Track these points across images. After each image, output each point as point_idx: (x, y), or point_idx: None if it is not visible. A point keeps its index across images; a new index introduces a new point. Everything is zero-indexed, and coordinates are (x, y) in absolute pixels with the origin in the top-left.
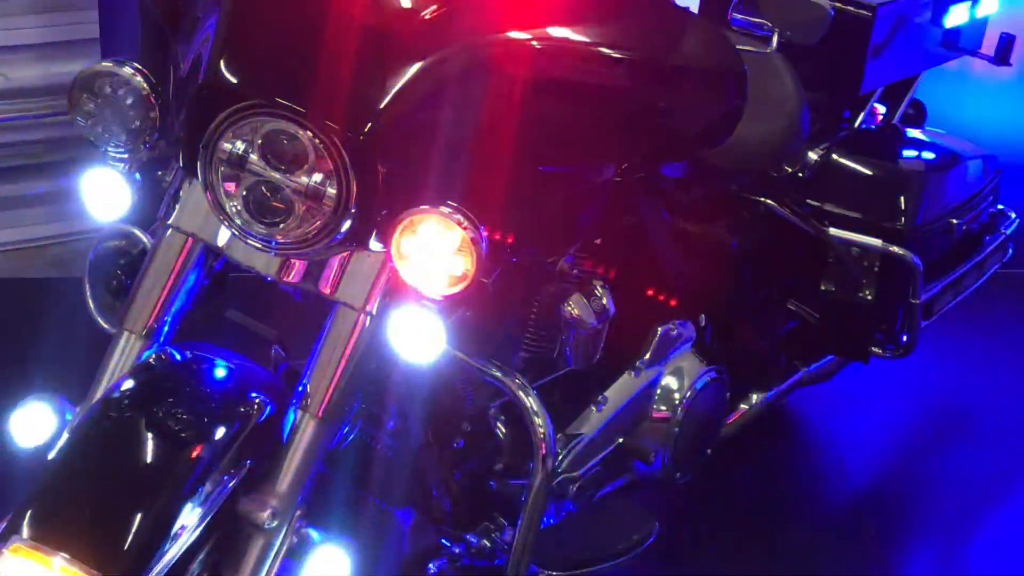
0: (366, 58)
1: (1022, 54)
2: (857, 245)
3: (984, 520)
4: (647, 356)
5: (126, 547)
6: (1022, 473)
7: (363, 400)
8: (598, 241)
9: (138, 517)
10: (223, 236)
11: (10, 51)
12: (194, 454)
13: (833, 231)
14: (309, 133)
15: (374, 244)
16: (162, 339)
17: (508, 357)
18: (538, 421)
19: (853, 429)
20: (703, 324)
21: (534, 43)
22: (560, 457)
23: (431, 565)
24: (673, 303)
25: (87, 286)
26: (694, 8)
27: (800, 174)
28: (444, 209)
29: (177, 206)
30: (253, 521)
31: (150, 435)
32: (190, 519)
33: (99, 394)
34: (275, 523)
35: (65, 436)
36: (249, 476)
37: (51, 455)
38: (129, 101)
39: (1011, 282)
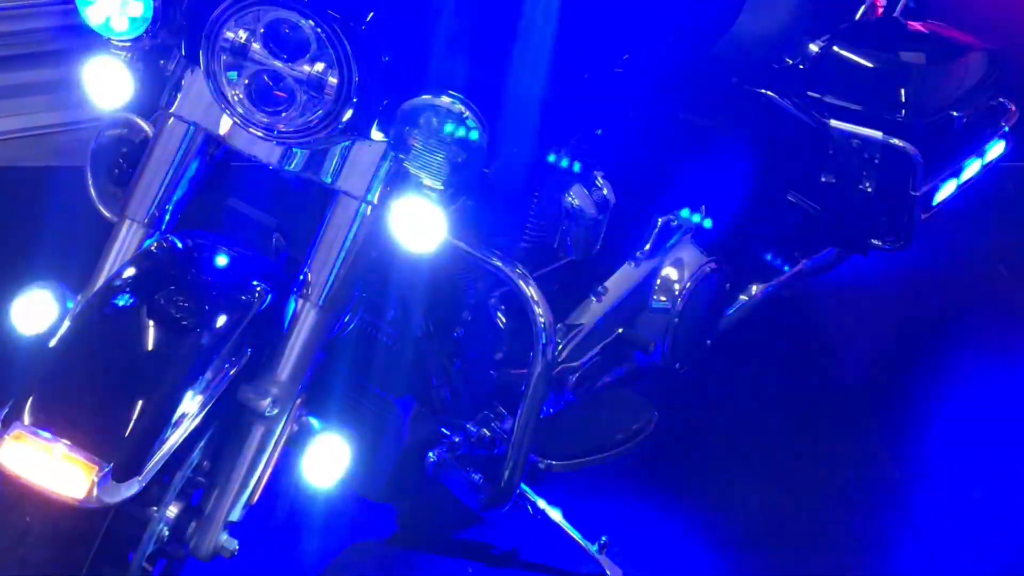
0: None
1: None
2: (858, 137)
3: (981, 408)
4: (647, 247)
5: (127, 434)
6: (1019, 363)
7: (364, 289)
8: (599, 132)
9: (139, 404)
10: (225, 125)
11: None
12: (195, 342)
13: (834, 123)
14: (311, 22)
15: (375, 133)
16: (163, 227)
17: (509, 247)
18: (538, 311)
19: (852, 321)
20: (704, 215)
21: None
22: (560, 347)
23: (431, 454)
24: (674, 194)
25: (89, 174)
26: None
27: (801, 66)
28: (445, 98)
29: (179, 95)
30: (254, 409)
31: (151, 323)
32: (191, 407)
33: (100, 282)
34: (275, 411)
35: (66, 324)
36: (250, 364)
37: (52, 342)
38: None
39: (1011, 175)
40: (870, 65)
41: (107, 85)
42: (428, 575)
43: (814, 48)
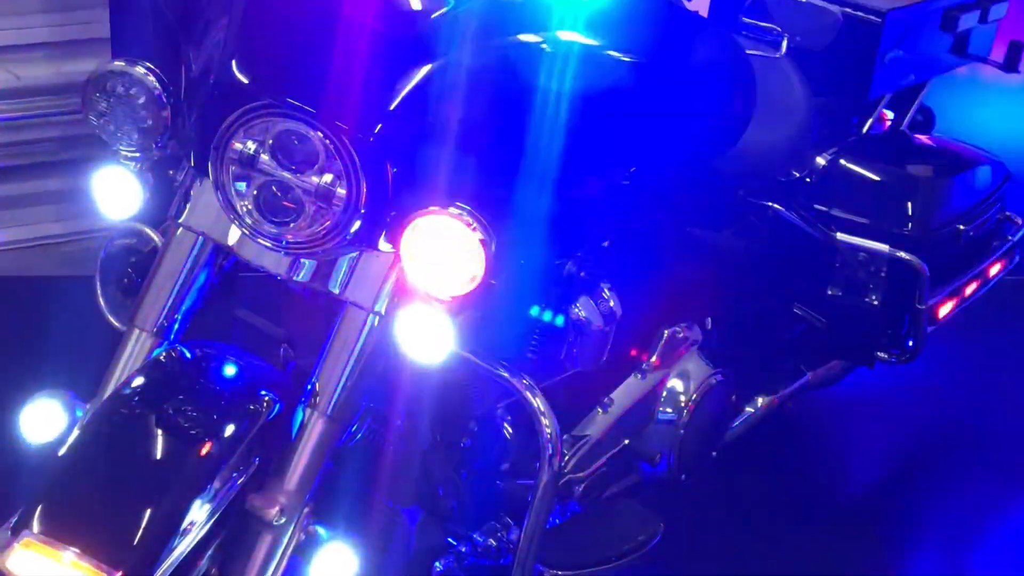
0: (376, 59)
1: None
2: (864, 250)
3: (986, 528)
4: (653, 358)
5: (136, 542)
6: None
7: (371, 399)
8: (606, 244)
9: (148, 513)
10: (233, 235)
11: (21, 50)
12: (203, 451)
13: (840, 236)
14: (320, 133)
15: (383, 244)
16: (172, 337)
17: (516, 358)
18: (545, 422)
19: (858, 434)
20: (710, 327)
21: (543, 46)
22: (566, 458)
23: (437, 563)
24: (680, 306)
25: (98, 284)
26: (704, 12)
27: (808, 179)
28: (453, 210)
29: (188, 205)
30: (261, 518)
31: (160, 432)
32: (199, 515)
33: (109, 391)
34: (283, 520)
35: (75, 432)
36: (258, 473)
37: (61, 451)
38: (141, 100)
39: (1018, 289)
40: (877, 178)
41: (116, 195)
42: None
43: (821, 161)
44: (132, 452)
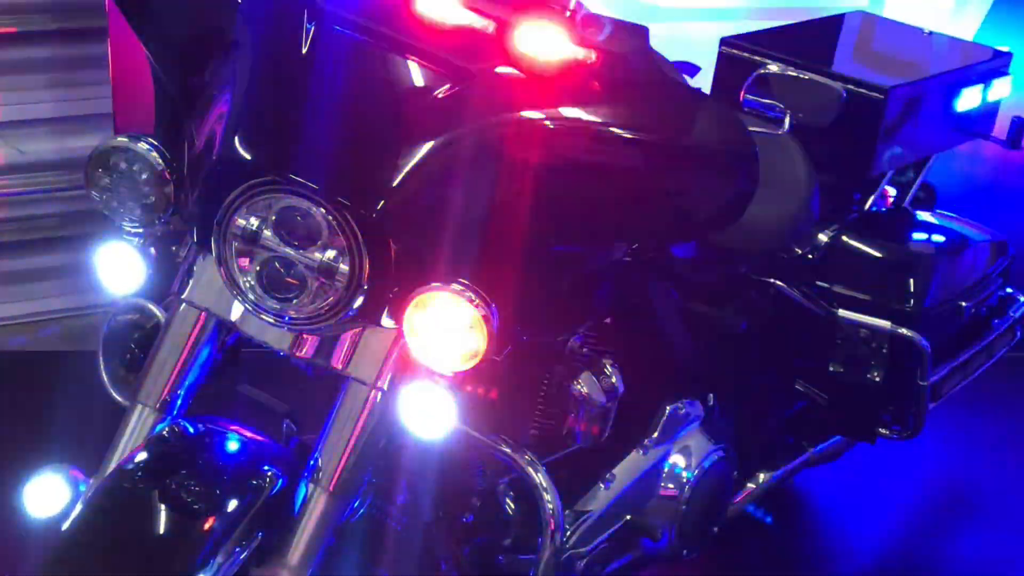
0: (379, 136)
1: None
2: (866, 326)
3: None
4: (655, 434)
5: None
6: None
7: (373, 474)
8: (608, 320)
9: None
10: (236, 311)
11: (24, 125)
12: (206, 526)
13: (842, 312)
14: (323, 210)
15: (386, 320)
16: (175, 412)
17: (518, 434)
18: (547, 497)
19: (859, 510)
20: (711, 403)
21: (546, 123)
22: (568, 533)
23: None
24: (682, 382)
25: (101, 359)
26: (707, 89)
27: (810, 256)
28: (455, 287)
29: (191, 281)
30: None
31: (163, 507)
32: None
33: (112, 466)
34: None
35: (79, 507)
36: (260, 548)
37: (65, 526)
38: (144, 176)
39: (1019, 366)
40: (879, 255)
41: (119, 271)
42: None
43: (823, 238)
44: (135, 527)
